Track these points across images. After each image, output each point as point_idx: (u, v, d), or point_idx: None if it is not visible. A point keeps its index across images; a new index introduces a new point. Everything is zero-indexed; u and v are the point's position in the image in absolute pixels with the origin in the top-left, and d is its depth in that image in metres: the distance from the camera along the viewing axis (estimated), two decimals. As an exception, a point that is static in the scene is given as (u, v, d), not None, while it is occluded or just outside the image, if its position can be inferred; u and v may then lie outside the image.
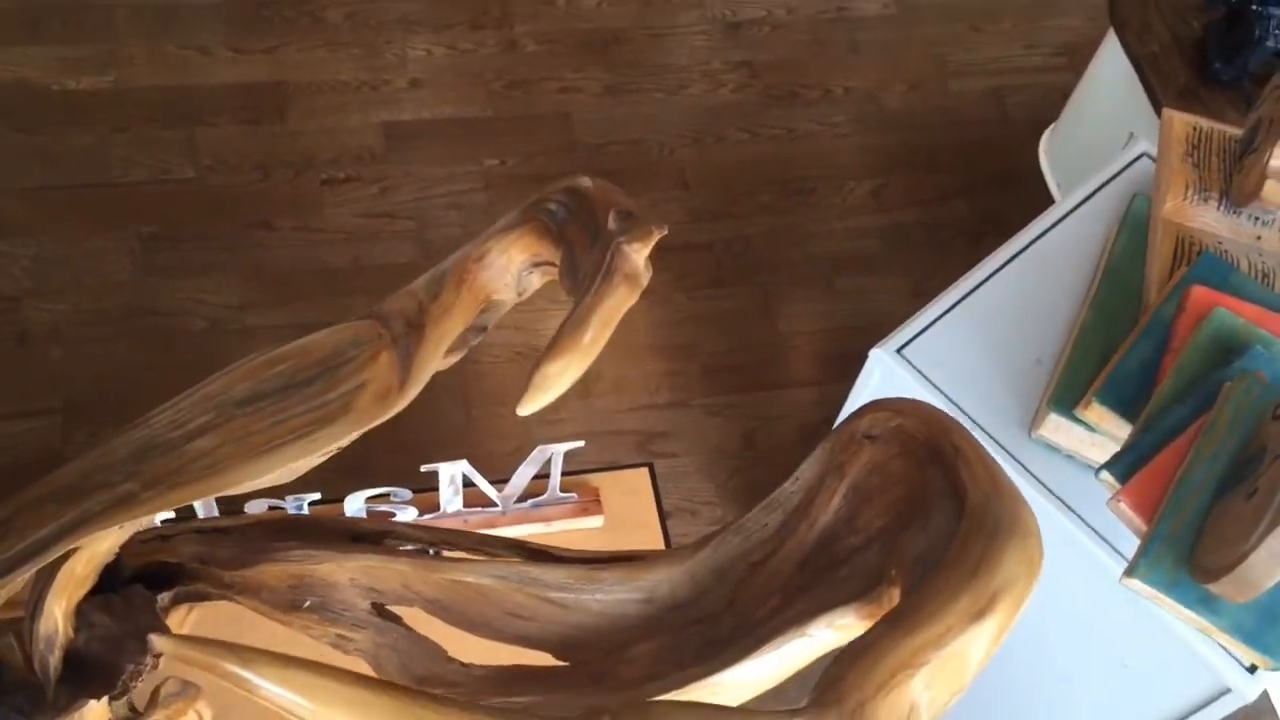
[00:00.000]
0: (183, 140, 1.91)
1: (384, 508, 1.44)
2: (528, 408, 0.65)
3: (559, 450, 1.44)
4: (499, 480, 1.49)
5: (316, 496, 1.39)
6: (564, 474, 1.51)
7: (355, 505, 1.40)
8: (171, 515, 1.11)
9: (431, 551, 0.79)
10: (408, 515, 1.45)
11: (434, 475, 1.43)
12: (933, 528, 0.56)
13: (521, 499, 1.51)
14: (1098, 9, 2.17)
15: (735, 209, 1.95)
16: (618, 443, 1.69)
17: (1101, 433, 1.10)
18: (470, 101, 2.01)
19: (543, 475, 1.49)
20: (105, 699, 0.69)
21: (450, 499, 1.48)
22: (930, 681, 0.50)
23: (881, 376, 1.20)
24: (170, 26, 2.04)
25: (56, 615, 0.68)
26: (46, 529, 0.64)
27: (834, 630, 0.60)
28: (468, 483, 1.46)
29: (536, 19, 2.12)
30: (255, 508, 1.39)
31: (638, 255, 0.73)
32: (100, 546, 0.66)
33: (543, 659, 0.73)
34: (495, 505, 1.51)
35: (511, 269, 0.79)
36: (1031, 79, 2.20)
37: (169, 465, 0.65)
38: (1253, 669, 1.00)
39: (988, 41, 2.24)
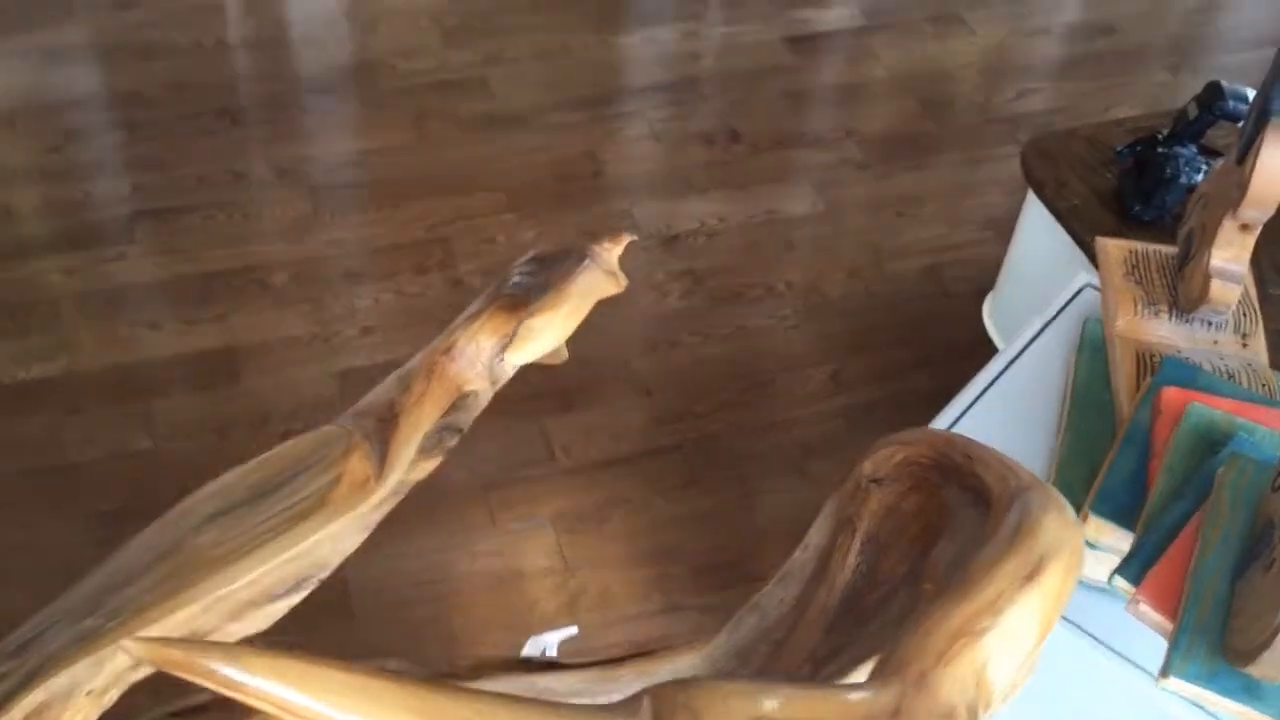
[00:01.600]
0: (138, 414, 1.89)
1: None
2: (515, 355, 0.67)
3: (553, 639, 1.37)
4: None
5: None
6: (561, 691, 1.44)
7: None
8: None
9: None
10: None
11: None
12: (961, 535, 0.53)
13: None
14: (1013, 184, 2.27)
15: (698, 409, 1.95)
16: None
17: (1103, 548, 1.07)
18: (424, 340, 2.01)
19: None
20: None
21: None
22: (993, 652, 0.46)
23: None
24: (119, 309, 2.06)
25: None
26: (6, 683, 0.58)
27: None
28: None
29: (479, 256, 2.17)
30: None
31: (609, 254, 0.74)
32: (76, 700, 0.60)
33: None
34: None
35: (482, 357, 0.78)
36: (963, 254, 2.27)
37: (131, 593, 0.61)
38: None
39: (914, 225, 2.32)
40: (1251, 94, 1.72)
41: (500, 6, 2.70)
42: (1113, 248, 1.33)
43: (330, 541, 0.65)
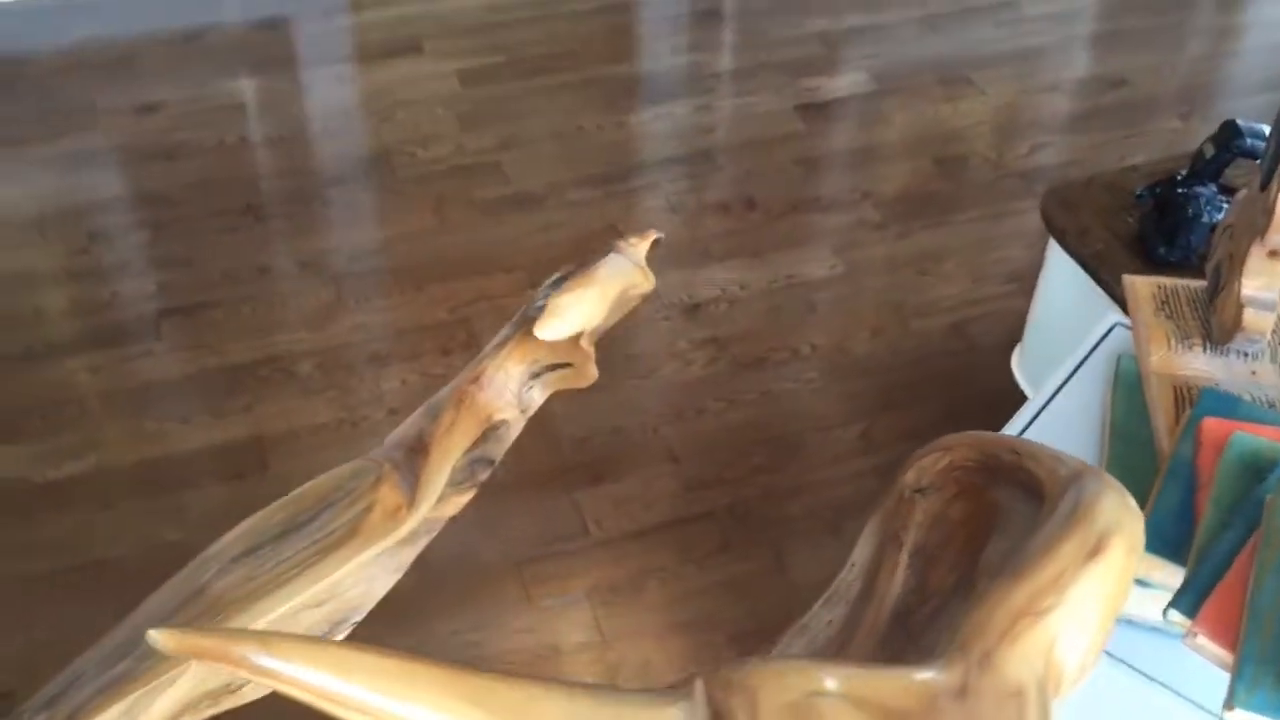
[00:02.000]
0: (168, 507, 1.89)
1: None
2: (543, 329, 0.65)
3: None
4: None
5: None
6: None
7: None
8: None
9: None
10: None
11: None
12: (1014, 530, 0.51)
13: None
14: (1032, 237, 2.26)
15: (728, 474, 1.94)
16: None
17: (1156, 586, 1.04)
18: (450, 420, 2.02)
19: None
20: None
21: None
22: (1060, 630, 0.44)
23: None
24: (146, 404, 2.07)
25: None
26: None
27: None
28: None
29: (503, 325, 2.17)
30: None
31: (635, 249, 0.72)
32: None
33: None
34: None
35: (511, 385, 0.76)
36: (988, 308, 2.26)
37: (196, 611, 0.60)
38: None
39: (936, 283, 2.31)
40: (1267, 130, 1.71)
41: (514, 92, 2.75)
42: (1141, 284, 1.32)
43: (364, 583, 0.64)
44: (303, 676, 0.40)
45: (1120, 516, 0.50)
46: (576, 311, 0.65)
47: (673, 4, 3.10)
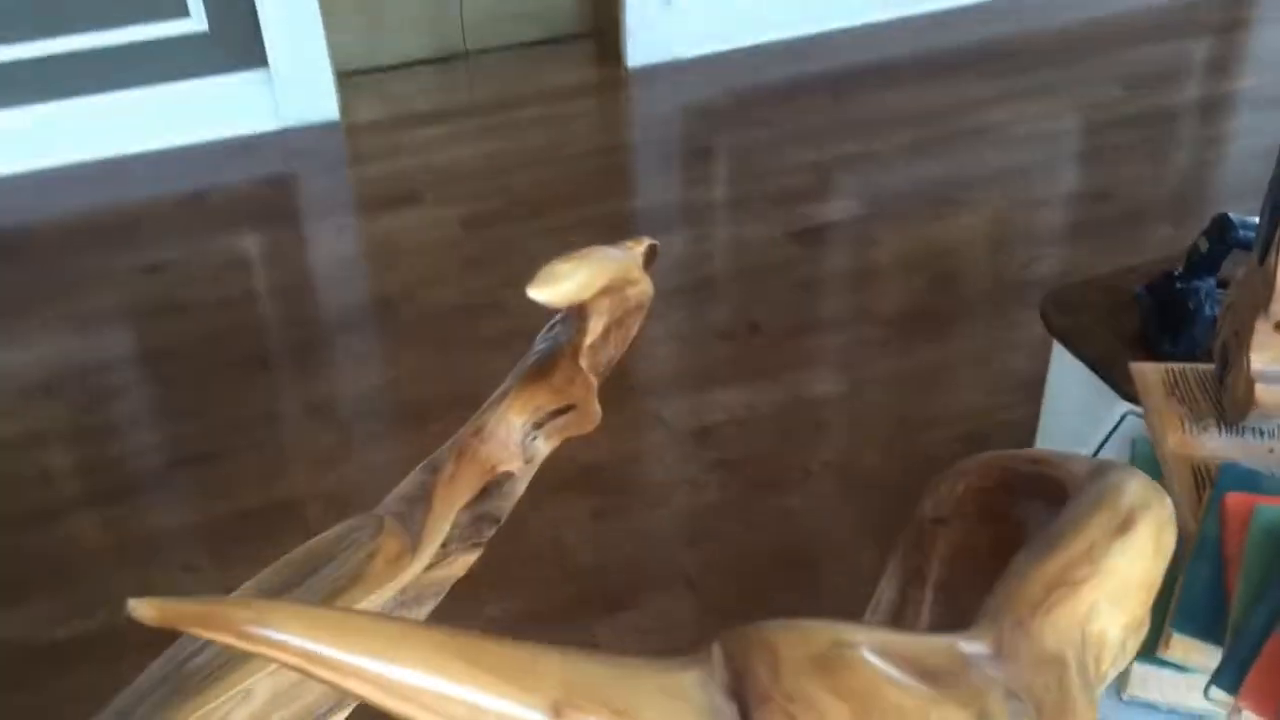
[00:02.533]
0: (178, 658, 1.85)
1: None
2: (533, 291, 0.61)
3: None
4: None
5: None
6: None
7: None
8: None
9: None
10: None
11: None
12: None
13: None
14: (1034, 347, 2.27)
15: (747, 598, 1.90)
16: None
17: (1193, 669, 1.01)
18: (462, 555, 2.00)
19: None
20: None
21: None
22: (1096, 602, 0.42)
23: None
24: (156, 555, 2.05)
25: None
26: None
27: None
28: None
29: (511, 468, 2.17)
30: None
31: (630, 251, 0.70)
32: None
33: None
34: None
35: (514, 435, 0.75)
36: (996, 418, 2.25)
37: (166, 690, 0.57)
38: None
39: (942, 397, 2.31)
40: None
41: (515, 234, 2.79)
42: (1150, 370, 1.32)
43: None
44: (297, 644, 0.38)
45: (1147, 496, 0.48)
46: (571, 281, 0.62)
47: (666, 144, 3.18)
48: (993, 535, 0.55)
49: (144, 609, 0.39)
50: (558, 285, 0.61)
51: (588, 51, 3.49)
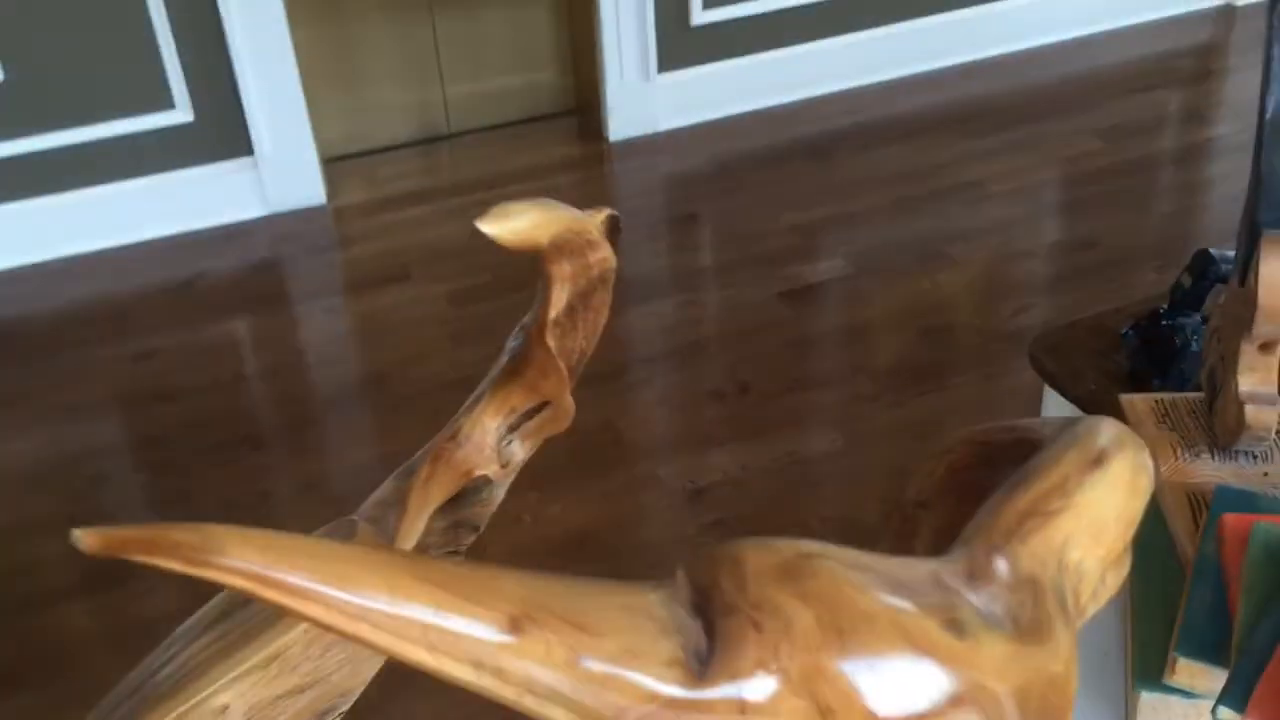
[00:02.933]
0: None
1: None
2: (483, 224, 0.59)
3: None
4: None
5: None
6: None
7: None
8: None
9: None
10: None
11: None
12: None
13: None
14: (1027, 394, 2.26)
15: (750, 657, 1.87)
16: None
17: (1200, 695, 1.00)
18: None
19: None
20: None
21: None
22: (1071, 533, 0.40)
23: None
24: (148, 640, 2.00)
25: None
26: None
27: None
28: None
29: (507, 538, 2.15)
30: None
31: (590, 217, 0.69)
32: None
33: None
34: None
35: (489, 439, 0.74)
36: (993, 467, 2.24)
37: (134, 703, 0.55)
38: None
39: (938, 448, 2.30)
40: (1240, 253, 1.74)
41: (502, 307, 2.80)
42: (1139, 401, 1.32)
43: (349, 664, 0.60)
44: (245, 567, 0.36)
45: (1120, 436, 0.48)
46: (524, 218, 0.61)
47: (651, 212, 3.21)
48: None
49: (88, 539, 0.37)
50: (507, 221, 0.60)
51: (570, 128, 3.53)
